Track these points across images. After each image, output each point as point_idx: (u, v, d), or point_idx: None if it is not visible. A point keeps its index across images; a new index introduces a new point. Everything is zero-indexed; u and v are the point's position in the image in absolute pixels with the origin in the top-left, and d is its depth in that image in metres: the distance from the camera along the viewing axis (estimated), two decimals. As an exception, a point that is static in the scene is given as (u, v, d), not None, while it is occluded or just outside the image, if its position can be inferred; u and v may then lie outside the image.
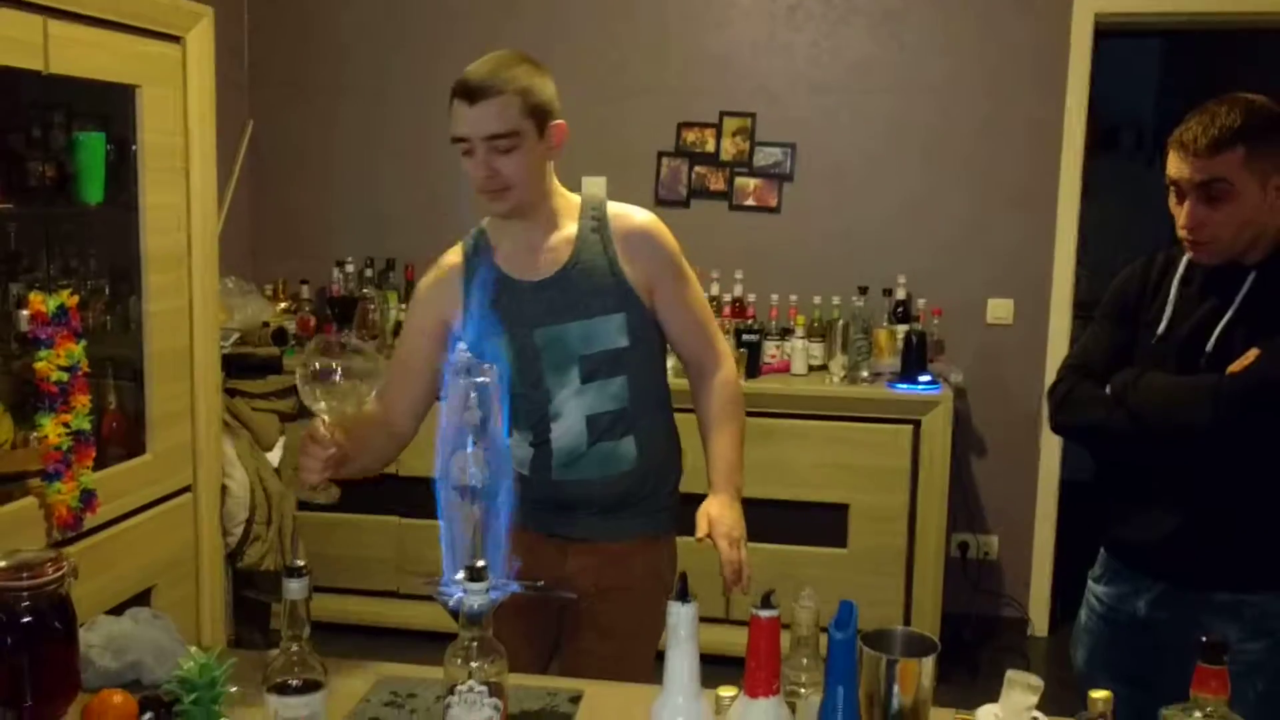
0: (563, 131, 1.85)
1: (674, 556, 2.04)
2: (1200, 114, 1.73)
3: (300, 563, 1.39)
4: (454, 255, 1.96)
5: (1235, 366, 1.71)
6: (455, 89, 1.79)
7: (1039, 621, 4.11)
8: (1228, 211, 1.71)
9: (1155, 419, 1.75)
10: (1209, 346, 1.76)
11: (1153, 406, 1.76)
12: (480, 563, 1.35)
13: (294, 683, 1.36)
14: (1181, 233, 1.78)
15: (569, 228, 1.90)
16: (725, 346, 2.06)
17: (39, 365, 2.42)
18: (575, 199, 1.93)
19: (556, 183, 1.91)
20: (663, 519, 2.00)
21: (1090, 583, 1.98)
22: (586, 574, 1.93)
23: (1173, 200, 1.78)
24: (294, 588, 1.34)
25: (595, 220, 1.90)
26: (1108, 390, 1.83)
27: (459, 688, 1.28)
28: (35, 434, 2.47)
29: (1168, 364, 1.79)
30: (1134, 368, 1.83)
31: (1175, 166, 1.75)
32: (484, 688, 1.28)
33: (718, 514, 1.84)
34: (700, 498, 1.90)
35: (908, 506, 3.59)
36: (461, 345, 1.48)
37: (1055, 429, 1.97)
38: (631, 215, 1.93)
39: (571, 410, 1.88)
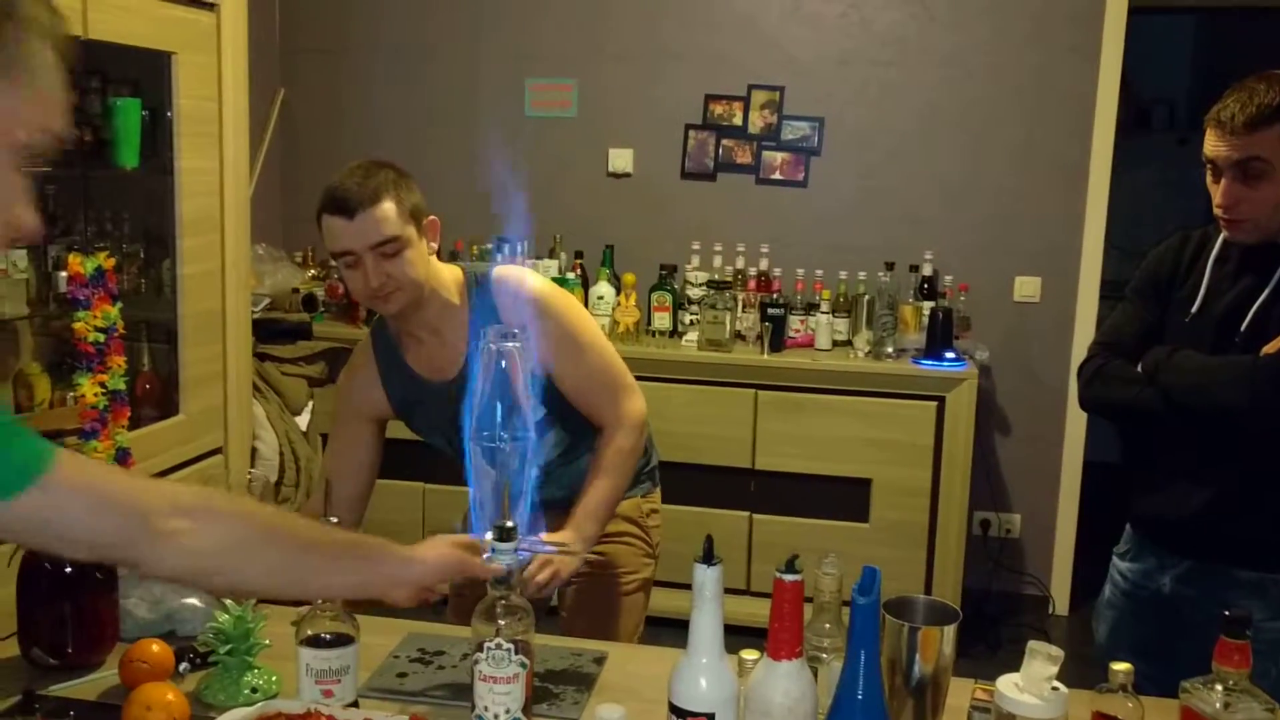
0: (436, 227, 1.85)
1: (652, 509, 2.12)
2: (1238, 91, 1.72)
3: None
4: (364, 352, 1.99)
5: (1271, 347, 1.70)
6: (327, 206, 1.77)
7: (1060, 600, 4.11)
8: (1265, 190, 1.70)
9: (1188, 398, 1.75)
10: (1243, 326, 1.76)
11: (1186, 385, 1.76)
12: (509, 523, 1.37)
13: (326, 636, 1.39)
14: (1218, 211, 1.77)
15: (461, 317, 1.87)
16: (632, 407, 1.95)
17: (77, 325, 2.46)
18: (457, 278, 1.89)
19: (436, 267, 1.87)
20: (641, 485, 2.08)
21: (1115, 558, 1.98)
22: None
23: (1209, 178, 1.78)
24: None
25: (479, 293, 1.87)
26: (1139, 368, 1.83)
27: (487, 644, 1.31)
28: (73, 393, 2.52)
29: (1201, 343, 1.79)
30: (1166, 346, 1.82)
31: (1212, 144, 1.74)
32: (511, 645, 1.31)
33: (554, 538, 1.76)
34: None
35: (930, 482, 3.59)
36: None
37: (1084, 405, 1.98)
38: (516, 289, 1.86)
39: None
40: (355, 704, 1.40)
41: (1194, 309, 1.82)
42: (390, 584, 1.35)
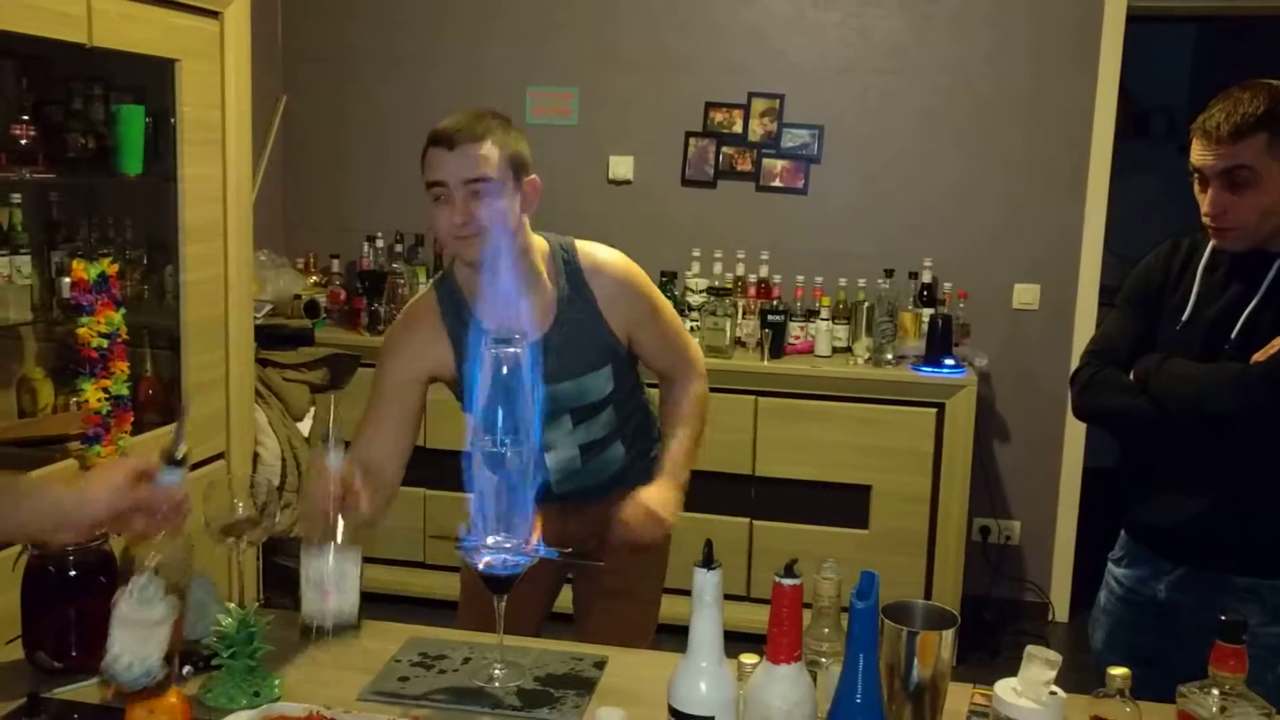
0: (537, 188, 1.85)
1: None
2: (1223, 100, 1.73)
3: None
4: (427, 306, 1.93)
5: (1261, 354, 1.71)
6: (432, 137, 1.77)
7: (1059, 606, 4.12)
8: (1251, 198, 1.72)
9: (1179, 405, 1.76)
10: (1234, 333, 1.77)
11: (1176, 393, 1.77)
12: (180, 453, 1.38)
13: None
14: (1206, 219, 1.78)
15: (547, 284, 1.89)
16: (698, 355, 2.11)
17: (80, 331, 2.47)
18: (544, 247, 1.91)
19: (531, 236, 1.89)
20: (651, 471, 2.04)
21: (1110, 565, 1.99)
22: (586, 528, 2.00)
23: (1197, 187, 1.79)
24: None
25: (570, 272, 1.90)
26: (1130, 376, 1.84)
27: (135, 578, 1.26)
28: (76, 398, 2.53)
29: (1191, 350, 1.80)
30: (1157, 354, 1.83)
31: (1198, 153, 1.75)
32: (162, 583, 1.26)
33: (650, 491, 1.91)
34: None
35: (930, 489, 3.60)
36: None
37: (1078, 414, 1.99)
38: (604, 263, 1.93)
39: (564, 444, 1.97)
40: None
41: (1184, 317, 1.83)
42: (55, 525, 1.32)
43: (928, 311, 3.79)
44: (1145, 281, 1.93)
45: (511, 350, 1.46)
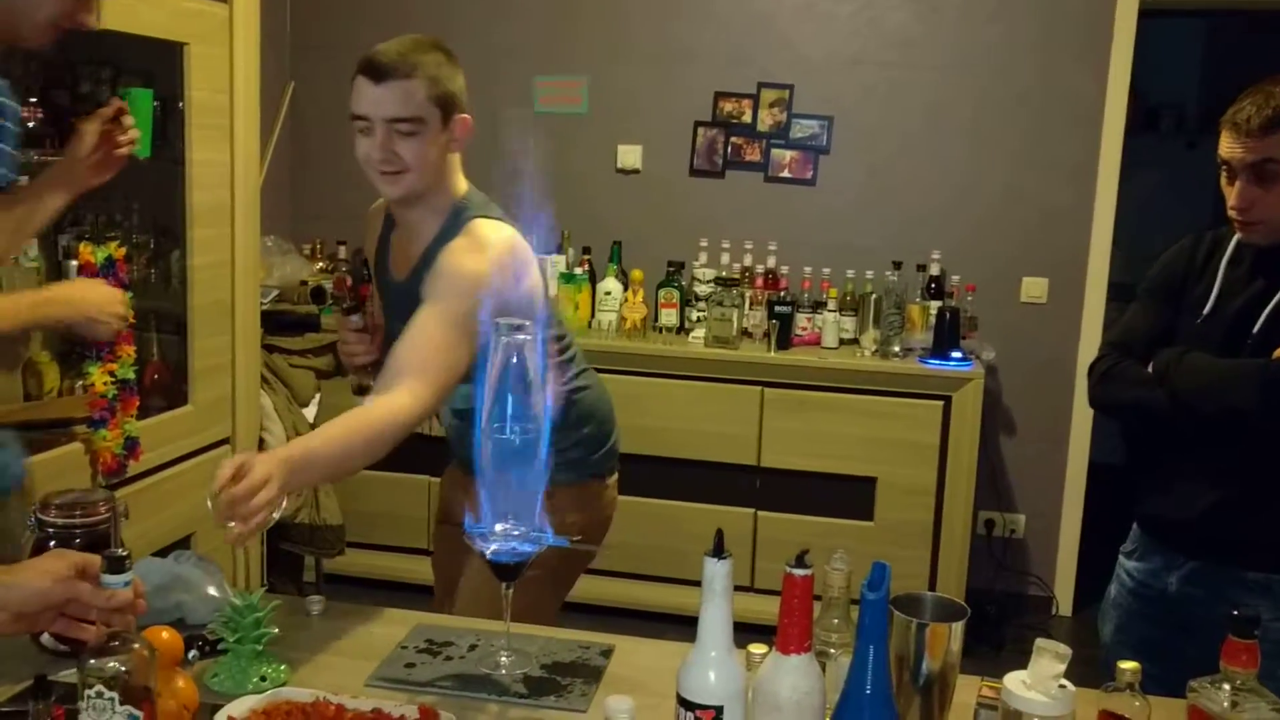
0: (467, 126, 1.82)
1: (591, 502, 2.04)
2: (1254, 94, 1.72)
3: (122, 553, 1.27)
4: (381, 207, 2.00)
5: None
6: (361, 66, 1.75)
7: (1064, 600, 4.11)
8: (1279, 192, 1.71)
9: (1198, 400, 1.75)
10: (1255, 329, 1.76)
11: (1196, 387, 1.76)
12: (121, 552, 1.26)
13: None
14: (1232, 213, 1.77)
15: (430, 230, 1.83)
16: (436, 381, 1.69)
17: (86, 315, 2.46)
18: (459, 193, 1.84)
19: (455, 179, 1.85)
20: (576, 469, 1.98)
21: (1121, 557, 1.98)
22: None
23: (1224, 180, 1.78)
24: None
25: (449, 229, 1.81)
26: (1149, 369, 1.83)
27: (88, 691, 1.12)
28: (82, 382, 2.52)
29: (1212, 344, 1.79)
30: (1177, 347, 1.83)
31: (1227, 146, 1.75)
32: (114, 695, 1.12)
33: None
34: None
35: (936, 482, 3.60)
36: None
37: (1094, 405, 1.98)
38: (475, 238, 1.77)
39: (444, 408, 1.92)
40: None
41: (1206, 311, 1.82)
42: None
43: (935, 304, 3.78)
44: (1168, 275, 1.92)
45: (521, 338, 1.45)
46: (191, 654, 1.50)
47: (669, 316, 3.94)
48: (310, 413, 3.52)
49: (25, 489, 2.07)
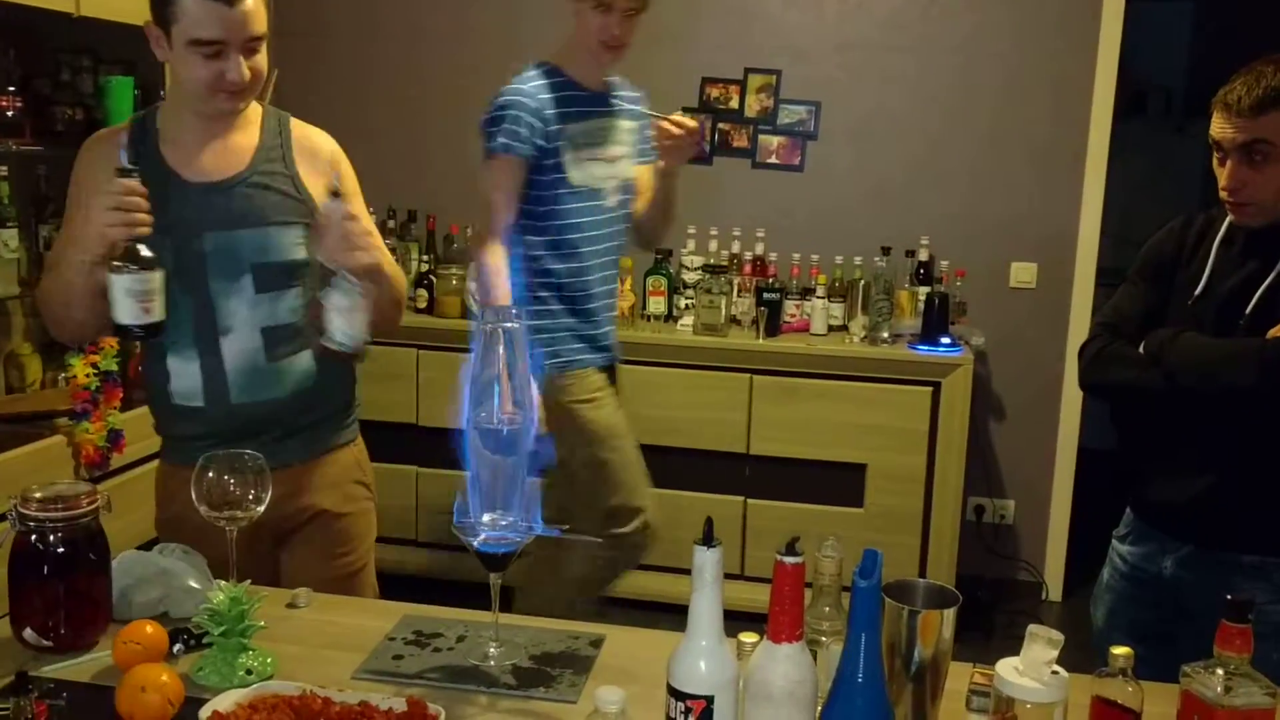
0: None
1: (366, 459, 2.08)
2: (1246, 74, 1.72)
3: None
4: (117, 130, 1.88)
5: (1277, 330, 1.70)
6: None
7: (1053, 586, 4.12)
8: (1270, 173, 1.70)
9: (1193, 380, 1.75)
10: (1248, 310, 1.75)
11: (1191, 367, 1.75)
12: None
13: (144, 251, 1.62)
14: (1223, 194, 1.77)
15: (251, 132, 1.88)
16: (396, 269, 1.94)
17: (68, 306, 2.43)
18: (258, 106, 1.92)
19: None
20: (351, 429, 2.02)
21: (1115, 541, 1.98)
22: (290, 500, 1.88)
23: (1215, 161, 1.77)
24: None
25: (278, 130, 1.91)
26: (1141, 349, 1.83)
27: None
28: (64, 374, 2.50)
29: (1204, 325, 1.79)
30: (1169, 328, 1.82)
31: (1218, 127, 1.74)
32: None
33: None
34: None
35: (925, 468, 3.60)
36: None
37: (1084, 386, 1.97)
38: (316, 136, 1.97)
39: (243, 323, 1.82)
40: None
41: (1197, 292, 1.82)
42: None
43: (924, 290, 3.77)
44: (1158, 255, 1.91)
45: (507, 326, 1.44)
46: (176, 648, 1.48)
47: (657, 304, 3.93)
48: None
49: None
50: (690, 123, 2.62)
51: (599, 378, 2.71)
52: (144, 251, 1.63)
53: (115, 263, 1.62)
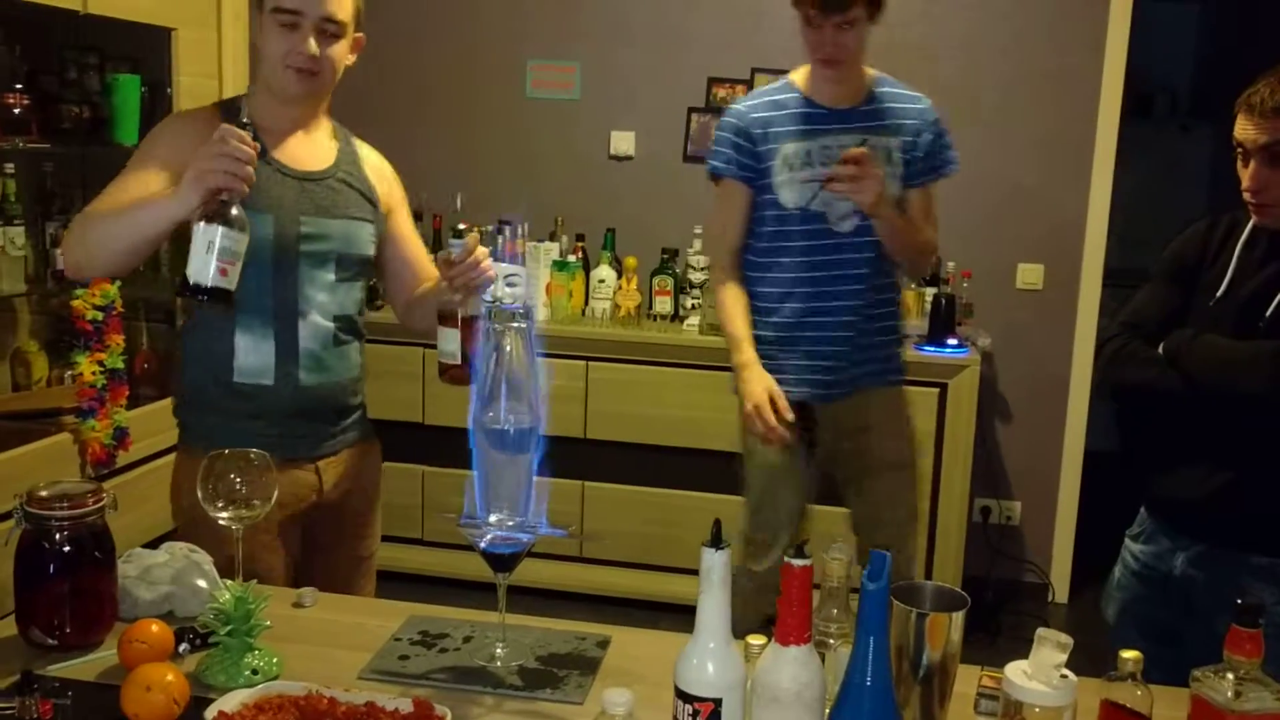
0: (360, 44, 1.91)
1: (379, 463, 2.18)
2: (1269, 76, 1.71)
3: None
4: (210, 110, 1.89)
5: None
6: None
7: (1060, 587, 4.11)
8: None
9: (1211, 382, 1.75)
10: (1269, 312, 1.75)
11: (1209, 369, 1.75)
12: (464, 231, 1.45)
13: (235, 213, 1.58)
14: (1246, 195, 1.76)
15: (327, 134, 1.97)
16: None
17: (75, 303, 2.44)
18: (326, 122, 1.99)
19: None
20: (369, 427, 2.10)
21: (1128, 540, 1.98)
22: (340, 485, 2.00)
23: (1239, 163, 1.77)
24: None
25: (347, 140, 2.00)
26: (1160, 350, 1.83)
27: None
28: (70, 371, 2.50)
29: (1224, 327, 1.79)
30: (1189, 329, 1.82)
31: (1242, 128, 1.74)
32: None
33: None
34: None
35: (932, 469, 3.59)
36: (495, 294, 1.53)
37: (1103, 385, 1.97)
38: (374, 153, 2.05)
39: (320, 308, 1.90)
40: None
41: (1219, 293, 1.82)
42: None
43: (931, 290, 3.76)
44: (1181, 256, 1.91)
45: (516, 325, 1.43)
46: (182, 647, 1.48)
47: (663, 304, 3.92)
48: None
49: None
50: (853, 152, 2.37)
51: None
52: (235, 212, 1.59)
53: (210, 215, 1.58)
